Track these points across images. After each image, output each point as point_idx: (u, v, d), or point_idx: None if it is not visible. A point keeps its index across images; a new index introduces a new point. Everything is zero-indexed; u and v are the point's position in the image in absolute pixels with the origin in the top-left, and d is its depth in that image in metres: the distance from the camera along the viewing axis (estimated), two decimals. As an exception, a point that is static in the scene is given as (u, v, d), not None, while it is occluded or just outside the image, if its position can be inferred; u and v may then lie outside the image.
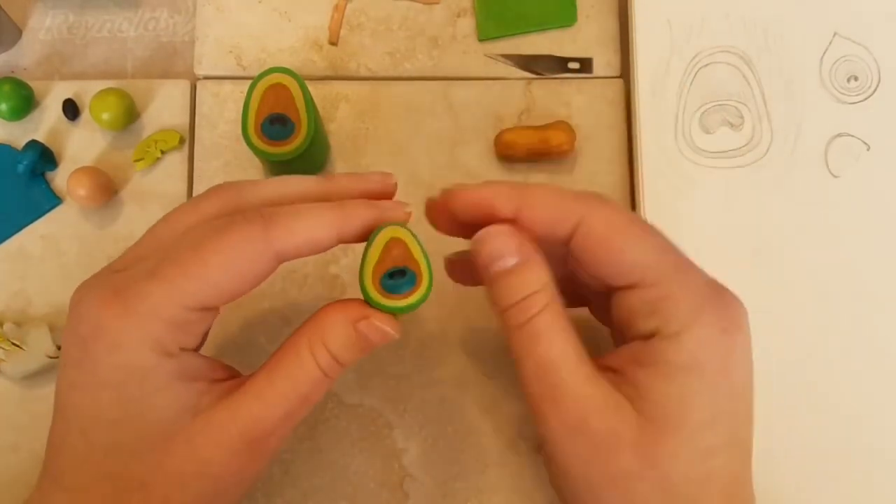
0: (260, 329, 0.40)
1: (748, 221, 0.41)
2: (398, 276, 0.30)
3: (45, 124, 0.42)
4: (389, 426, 0.39)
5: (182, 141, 0.42)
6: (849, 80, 0.42)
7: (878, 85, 0.42)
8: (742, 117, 0.42)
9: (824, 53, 0.42)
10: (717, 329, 0.29)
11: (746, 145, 0.41)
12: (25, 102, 0.41)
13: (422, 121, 0.42)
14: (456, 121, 0.42)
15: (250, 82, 0.35)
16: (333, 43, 0.43)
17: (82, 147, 0.42)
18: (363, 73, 0.43)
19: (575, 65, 0.43)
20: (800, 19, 0.42)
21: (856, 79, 0.42)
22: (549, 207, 0.30)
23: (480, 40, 0.43)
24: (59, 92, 0.42)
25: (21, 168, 0.40)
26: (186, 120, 0.42)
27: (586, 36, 0.43)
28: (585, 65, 0.43)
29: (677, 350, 0.29)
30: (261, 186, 0.31)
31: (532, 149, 0.40)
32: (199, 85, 0.43)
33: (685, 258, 0.31)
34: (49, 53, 0.44)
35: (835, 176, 0.41)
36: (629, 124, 0.42)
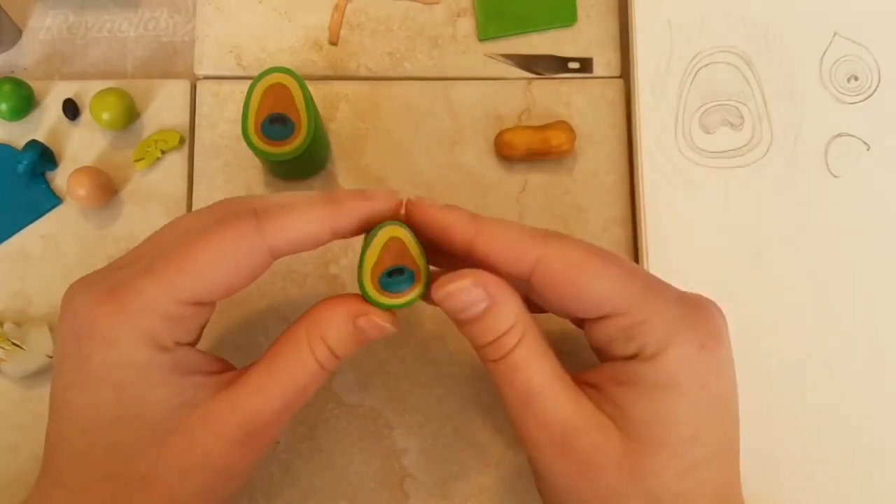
0: (259, 329, 0.40)
1: (748, 221, 0.41)
2: (396, 275, 0.30)
3: (45, 124, 0.42)
4: (389, 426, 0.39)
5: (182, 141, 0.42)
6: (849, 80, 0.42)
7: (878, 85, 0.42)
8: (742, 117, 0.42)
9: (824, 53, 0.42)
10: (695, 346, 0.29)
11: (746, 145, 0.41)
12: (25, 102, 0.41)
13: (422, 121, 0.42)
14: (456, 121, 0.42)
15: (250, 82, 0.35)
16: (333, 43, 0.43)
17: (82, 147, 0.42)
18: (363, 73, 0.43)
19: (575, 65, 0.43)
20: (800, 19, 0.42)
21: (856, 79, 0.42)
22: (504, 247, 0.30)
23: (480, 40, 0.43)
24: (59, 92, 0.42)
25: (21, 168, 0.40)
26: (186, 120, 0.42)
27: (586, 36, 0.43)
28: (585, 65, 0.43)
29: (655, 371, 0.29)
30: (265, 198, 0.31)
31: (532, 149, 0.40)
32: (199, 85, 0.43)
33: (653, 278, 0.31)
34: (49, 53, 0.44)
35: (835, 176, 0.41)
36: (629, 124, 0.42)
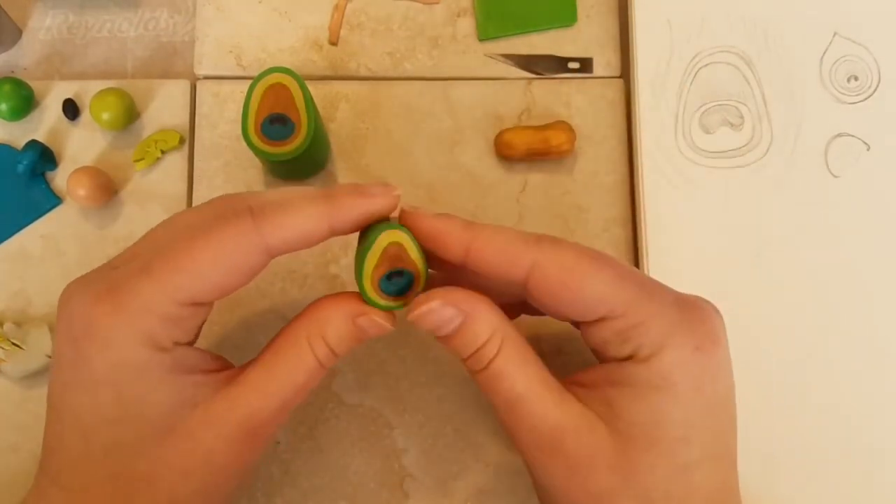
0: (259, 329, 0.40)
1: (748, 221, 0.41)
2: (396, 277, 0.30)
3: (45, 124, 0.42)
4: (389, 426, 0.39)
5: (182, 141, 0.42)
6: (849, 80, 0.42)
7: (878, 85, 0.42)
8: (742, 117, 0.42)
9: (824, 53, 0.42)
10: (690, 348, 0.29)
11: (746, 145, 0.41)
12: (25, 102, 0.41)
13: (422, 121, 0.42)
14: (456, 121, 0.42)
15: (250, 82, 0.35)
16: (333, 43, 0.43)
17: (82, 147, 0.42)
18: (363, 73, 0.43)
19: (575, 65, 0.43)
20: (800, 19, 0.42)
21: (856, 79, 0.42)
22: (499, 254, 0.30)
23: (480, 40, 0.43)
24: (59, 92, 0.42)
25: (21, 168, 0.40)
26: (186, 120, 0.42)
27: (586, 36, 0.43)
28: (585, 65, 0.43)
29: (649, 372, 0.29)
30: (262, 195, 0.31)
31: (532, 149, 0.40)
32: (199, 85, 0.43)
33: (648, 280, 0.31)
34: (49, 53, 0.44)
35: (835, 176, 0.41)
36: (629, 124, 0.42)
